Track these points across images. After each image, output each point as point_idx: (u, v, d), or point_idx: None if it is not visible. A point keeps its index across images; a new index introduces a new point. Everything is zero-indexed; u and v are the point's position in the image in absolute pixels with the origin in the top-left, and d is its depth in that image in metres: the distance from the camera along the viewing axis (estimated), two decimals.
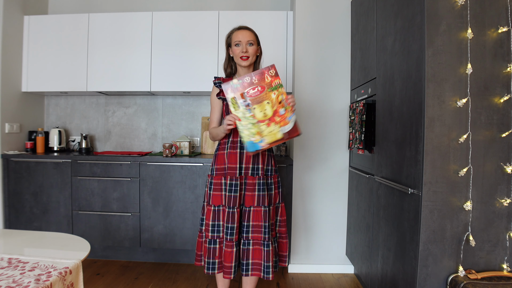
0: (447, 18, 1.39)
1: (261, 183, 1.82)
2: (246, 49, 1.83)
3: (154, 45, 2.90)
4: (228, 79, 1.89)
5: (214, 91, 1.93)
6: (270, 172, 1.89)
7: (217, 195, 1.84)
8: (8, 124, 2.89)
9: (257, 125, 1.66)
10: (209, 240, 1.82)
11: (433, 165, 1.41)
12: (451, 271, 1.43)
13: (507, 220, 1.42)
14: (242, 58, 1.83)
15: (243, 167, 1.83)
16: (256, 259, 1.80)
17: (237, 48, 1.84)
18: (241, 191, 1.83)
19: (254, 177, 1.83)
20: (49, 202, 2.76)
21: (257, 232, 1.80)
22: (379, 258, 1.93)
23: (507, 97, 1.39)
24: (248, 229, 1.80)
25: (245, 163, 1.83)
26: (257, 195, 1.81)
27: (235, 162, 1.82)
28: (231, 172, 1.82)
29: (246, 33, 1.85)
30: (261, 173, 1.84)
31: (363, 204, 2.24)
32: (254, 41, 1.86)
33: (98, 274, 2.55)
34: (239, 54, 1.84)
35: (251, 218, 1.80)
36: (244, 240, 1.81)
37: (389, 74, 1.80)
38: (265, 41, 2.88)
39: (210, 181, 1.89)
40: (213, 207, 1.84)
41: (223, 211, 1.82)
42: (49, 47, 2.97)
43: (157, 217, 2.70)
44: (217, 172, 1.87)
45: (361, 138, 2.14)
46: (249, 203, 1.81)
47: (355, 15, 2.52)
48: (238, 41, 1.84)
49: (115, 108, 3.32)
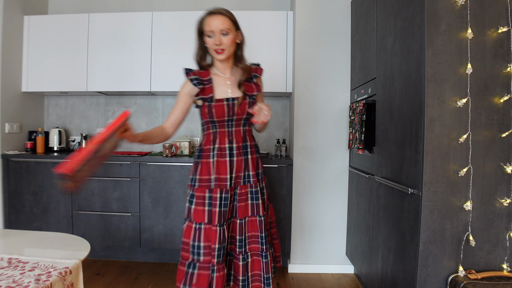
0: (447, 18, 1.39)
1: (254, 191, 1.60)
2: (219, 40, 1.51)
3: (154, 45, 2.90)
4: (205, 72, 1.60)
5: (187, 86, 1.60)
6: (260, 176, 1.68)
7: (199, 211, 1.55)
8: (8, 124, 2.89)
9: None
10: (188, 262, 1.54)
11: (433, 165, 1.41)
12: (451, 271, 1.43)
13: (507, 220, 1.42)
14: (217, 51, 1.53)
15: (233, 176, 1.58)
16: (256, 270, 1.62)
17: (209, 39, 1.53)
18: (231, 202, 1.59)
19: (246, 185, 1.60)
20: (49, 202, 2.76)
21: (254, 243, 1.61)
22: (379, 258, 1.92)
23: (507, 97, 1.39)
24: (245, 242, 1.59)
25: (235, 172, 1.59)
26: (250, 205, 1.60)
27: (225, 172, 1.56)
28: (221, 184, 1.55)
29: (219, 20, 1.51)
30: (253, 180, 1.61)
31: (363, 204, 2.24)
32: (230, 28, 1.52)
33: (98, 274, 2.55)
34: (213, 47, 1.53)
35: (247, 230, 1.60)
36: (243, 255, 1.59)
37: (389, 74, 1.80)
38: (265, 41, 2.89)
39: (191, 194, 1.59)
40: (194, 224, 1.55)
41: (206, 231, 1.53)
42: (49, 47, 2.97)
43: (157, 217, 2.70)
44: (200, 184, 1.57)
45: (361, 138, 2.14)
46: (244, 214, 1.59)
47: (355, 15, 2.52)
48: (210, 31, 1.51)
49: (115, 108, 3.32)
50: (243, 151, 1.61)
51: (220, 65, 1.62)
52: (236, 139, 1.59)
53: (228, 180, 1.56)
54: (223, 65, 1.61)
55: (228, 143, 1.58)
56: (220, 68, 1.62)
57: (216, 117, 1.56)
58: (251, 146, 1.64)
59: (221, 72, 1.62)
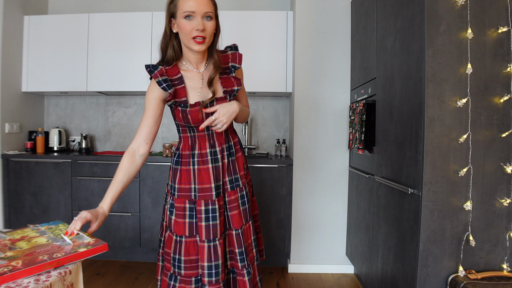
0: (447, 18, 1.39)
1: (244, 195, 1.41)
2: (203, 25, 1.21)
3: (154, 45, 2.89)
4: (173, 69, 1.31)
5: (154, 90, 1.30)
6: (246, 171, 1.48)
7: (179, 223, 1.33)
8: (8, 124, 2.89)
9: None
10: (170, 274, 1.35)
11: (433, 165, 1.40)
12: (451, 271, 1.42)
13: (507, 220, 1.42)
14: (196, 40, 1.22)
15: (219, 184, 1.36)
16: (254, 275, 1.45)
17: (187, 22, 1.21)
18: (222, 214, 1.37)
19: (235, 190, 1.39)
20: (49, 202, 2.76)
21: (250, 251, 1.42)
22: (379, 258, 1.92)
23: (507, 97, 1.39)
24: (245, 253, 1.38)
25: (222, 177, 1.37)
26: (243, 211, 1.40)
27: (209, 181, 1.33)
28: (204, 195, 1.33)
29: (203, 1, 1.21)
30: (242, 181, 1.41)
31: (363, 204, 2.24)
32: (213, 14, 1.24)
33: (98, 274, 2.55)
34: (191, 33, 1.21)
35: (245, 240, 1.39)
36: (247, 269, 1.37)
37: (389, 74, 1.80)
38: (265, 41, 2.89)
39: (171, 203, 1.37)
40: (174, 236, 1.34)
41: (187, 244, 1.32)
42: (49, 47, 2.97)
43: (157, 217, 2.70)
44: (179, 194, 1.35)
45: (361, 138, 2.14)
46: (238, 223, 1.37)
47: (355, 15, 2.52)
48: (191, 11, 1.20)
49: (115, 108, 3.32)
50: (227, 152, 1.40)
51: (193, 58, 1.31)
52: (218, 141, 1.37)
53: (214, 190, 1.33)
54: (196, 57, 1.31)
55: (209, 147, 1.36)
56: (193, 62, 1.33)
57: (193, 123, 1.32)
58: (235, 144, 1.44)
59: (193, 66, 1.34)
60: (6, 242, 1.11)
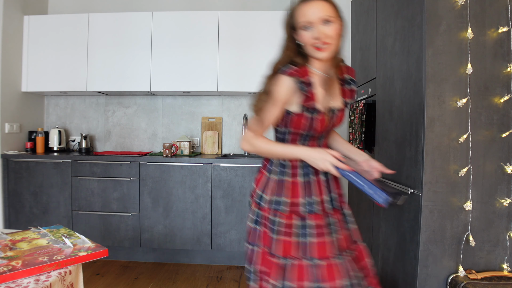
0: (447, 18, 1.39)
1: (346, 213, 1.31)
2: (321, 33, 1.13)
3: (154, 45, 2.90)
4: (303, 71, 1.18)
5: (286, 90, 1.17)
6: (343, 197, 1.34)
7: (287, 242, 1.20)
8: (8, 124, 2.88)
9: None
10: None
11: (433, 165, 1.40)
12: (451, 271, 1.42)
13: (507, 220, 1.41)
14: (317, 48, 1.15)
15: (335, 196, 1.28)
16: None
17: (306, 33, 1.16)
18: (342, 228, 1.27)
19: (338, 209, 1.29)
20: (49, 202, 2.76)
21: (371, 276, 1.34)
22: (379, 258, 1.92)
23: (507, 97, 1.39)
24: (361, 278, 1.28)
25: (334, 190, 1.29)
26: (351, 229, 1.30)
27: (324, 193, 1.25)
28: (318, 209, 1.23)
29: (319, 5, 1.13)
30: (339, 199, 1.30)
31: (363, 204, 2.24)
32: (333, 17, 1.14)
33: (98, 274, 2.55)
34: (311, 42, 1.15)
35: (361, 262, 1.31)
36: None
37: (389, 74, 1.80)
38: (265, 42, 2.89)
39: (273, 220, 1.22)
40: (281, 260, 1.18)
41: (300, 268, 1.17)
42: (49, 47, 2.97)
43: (157, 217, 2.70)
44: (291, 209, 1.22)
45: (361, 138, 2.14)
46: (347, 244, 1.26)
47: (355, 15, 2.52)
48: (307, 22, 1.14)
49: (115, 108, 3.32)
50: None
51: (319, 66, 1.22)
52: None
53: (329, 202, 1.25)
54: (321, 66, 1.22)
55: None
56: (320, 67, 1.23)
57: (315, 131, 1.22)
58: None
59: (322, 71, 1.23)
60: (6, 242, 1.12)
